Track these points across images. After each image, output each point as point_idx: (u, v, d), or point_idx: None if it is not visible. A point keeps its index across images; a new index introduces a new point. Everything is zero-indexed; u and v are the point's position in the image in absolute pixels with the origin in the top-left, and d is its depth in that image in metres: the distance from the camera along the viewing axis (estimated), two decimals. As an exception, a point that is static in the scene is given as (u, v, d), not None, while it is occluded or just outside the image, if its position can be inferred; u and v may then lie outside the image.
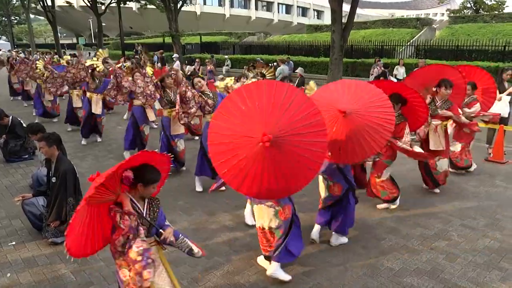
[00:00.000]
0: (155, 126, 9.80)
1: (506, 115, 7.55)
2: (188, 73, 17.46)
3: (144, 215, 2.80)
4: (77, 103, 9.65)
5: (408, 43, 21.12)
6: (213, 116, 3.38)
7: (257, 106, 3.14)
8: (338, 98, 3.96)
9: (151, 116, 7.75)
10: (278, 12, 62.82)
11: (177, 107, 5.86)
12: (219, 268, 4.06)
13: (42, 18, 56.79)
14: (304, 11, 66.61)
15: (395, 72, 15.82)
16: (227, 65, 25.30)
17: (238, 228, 4.96)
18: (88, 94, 8.71)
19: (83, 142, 8.97)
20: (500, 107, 7.30)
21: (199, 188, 6.23)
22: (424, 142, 5.83)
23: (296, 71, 12.84)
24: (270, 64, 15.27)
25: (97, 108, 8.64)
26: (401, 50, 20.33)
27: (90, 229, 2.67)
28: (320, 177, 4.46)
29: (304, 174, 3.22)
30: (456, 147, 6.63)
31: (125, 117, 11.36)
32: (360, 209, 5.08)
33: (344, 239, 4.50)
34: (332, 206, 4.47)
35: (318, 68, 20.87)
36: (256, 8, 60.35)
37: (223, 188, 5.29)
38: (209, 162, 5.85)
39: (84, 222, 2.60)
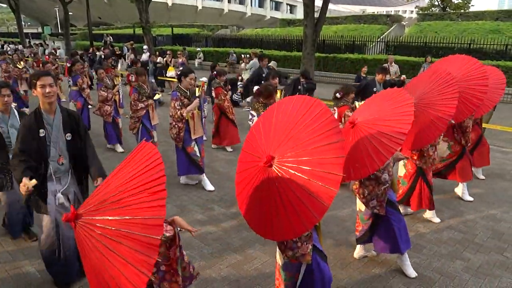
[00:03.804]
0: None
1: None
2: (159, 65, 17.19)
3: None
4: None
5: (378, 39, 21.52)
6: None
7: (272, 123, 2.62)
8: (363, 109, 3.64)
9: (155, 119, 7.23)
10: (251, 5, 62.51)
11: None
12: (191, 262, 4.02)
13: (4, 5, 54.27)
14: (277, 5, 66.57)
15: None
16: (200, 58, 25.04)
17: (210, 222, 4.94)
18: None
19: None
20: None
21: (192, 182, 6.16)
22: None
23: (269, 65, 12.82)
24: (242, 56, 15.20)
25: None
26: (371, 46, 20.69)
27: None
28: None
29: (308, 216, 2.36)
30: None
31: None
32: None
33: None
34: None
35: (291, 62, 20.97)
36: (229, 1, 59.81)
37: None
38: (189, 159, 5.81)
39: None
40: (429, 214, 5.01)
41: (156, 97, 7.43)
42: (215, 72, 8.42)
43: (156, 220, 1.84)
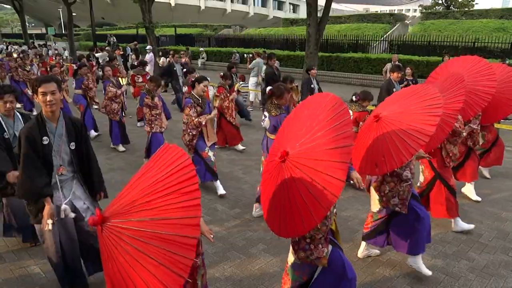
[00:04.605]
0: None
1: None
2: (163, 65, 17.21)
3: None
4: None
5: (382, 38, 21.45)
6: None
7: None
8: (386, 103, 3.56)
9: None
10: (254, 5, 62.47)
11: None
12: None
13: (8, 6, 54.53)
14: (280, 5, 66.51)
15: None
16: (203, 58, 25.07)
17: (213, 222, 4.93)
18: None
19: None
20: None
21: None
22: None
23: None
24: (245, 55, 15.16)
25: None
26: (375, 45, 20.63)
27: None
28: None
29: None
30: None
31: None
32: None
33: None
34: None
35: (294, 62, 20.95)
36: (232, 1, 59.81)
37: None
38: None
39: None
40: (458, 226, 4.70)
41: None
42: (221, 74, 8.32)
43: (191, 219, 1.81)
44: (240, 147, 7.95)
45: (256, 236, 4.57)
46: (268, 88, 5.02)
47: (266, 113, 4.87)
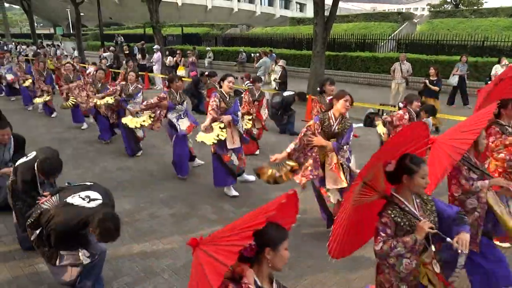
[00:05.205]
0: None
1: None
2: (170, 65, 17.27)
3: None
4: None
5: (390, 37, 21.32)
6: None
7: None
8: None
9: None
10: (261, 4, 62.40)
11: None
12: None
13: (17, 7, 55.00)
14: (286, 4, 66.34)
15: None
16: (210, 57, 25.10)
17: (220, 221, 4.93)
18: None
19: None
20: None
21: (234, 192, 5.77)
22: None
23: (279, 64, 12.80)
24: (252, 55, 15.13)
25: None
26: (382, 44, 20.51)
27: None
28: None
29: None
30: None
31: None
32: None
33: None
34: None
35: (301, 61, 20.90)
36: (239, 0, 59.82)
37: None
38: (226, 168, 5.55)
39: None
40: None
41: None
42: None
43: (219, 267, 1.70)
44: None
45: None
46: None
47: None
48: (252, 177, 6.00)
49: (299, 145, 4.32)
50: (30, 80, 11.53)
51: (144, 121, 6.71)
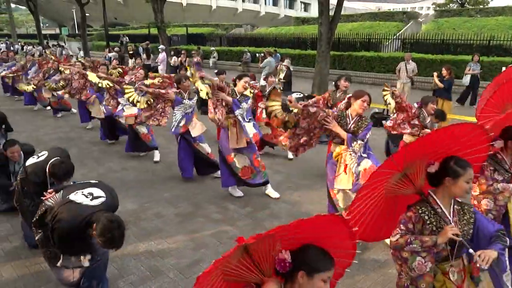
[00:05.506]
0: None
1: None
2: (175, 65, 17.32)
3: None
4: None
5: (395, 37, 21.22)
6: None
7: None
8: None
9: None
10: (265, 4, 62.42)
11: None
12: (206, 260, 4.04)
13: (23, 7, 55.38)
14: (291, 4, 66.31)
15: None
16: (214, 57, 25.15)
17: (225, 221, 4.94)
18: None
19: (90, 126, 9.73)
20: None
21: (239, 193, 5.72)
22: None
23: (283, 64, 12.79)
24: (256, 55, 15.14)
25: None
26: (387, 43, 20.43)
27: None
28: None
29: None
30: None
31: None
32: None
33: None
34: None
35: (306, 61, 20.87)
36: (243, 0, 59.85)
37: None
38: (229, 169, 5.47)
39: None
40: None
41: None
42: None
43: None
44: None
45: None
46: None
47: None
48: (276, 194, 5.64)
49: (316, 106, 4.21)
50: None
51: (108, 84, 7.40)
